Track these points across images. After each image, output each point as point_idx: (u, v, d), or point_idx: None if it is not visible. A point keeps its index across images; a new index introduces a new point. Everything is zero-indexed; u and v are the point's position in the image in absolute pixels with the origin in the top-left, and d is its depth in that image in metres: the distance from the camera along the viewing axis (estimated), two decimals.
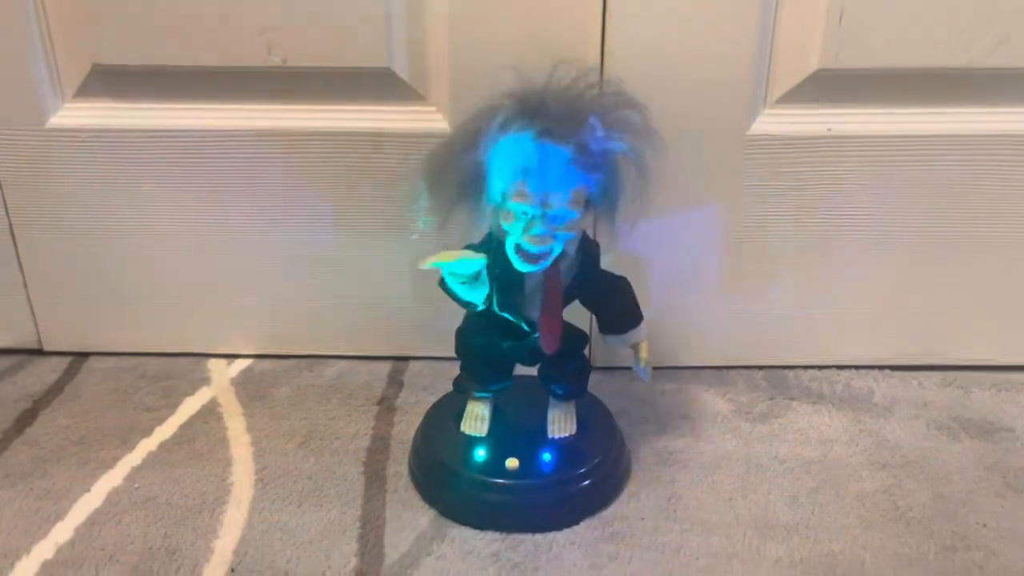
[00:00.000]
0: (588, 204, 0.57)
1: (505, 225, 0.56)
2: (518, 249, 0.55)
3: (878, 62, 0.68)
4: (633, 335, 0.63)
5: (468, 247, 0.60)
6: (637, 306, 0.63)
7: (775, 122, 0.70)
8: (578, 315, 0.66)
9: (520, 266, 0.56)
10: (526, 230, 0.54)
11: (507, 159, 0.54)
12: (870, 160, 0.71)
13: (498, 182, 0.55)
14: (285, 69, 0.70)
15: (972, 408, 0.74)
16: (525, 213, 0.54)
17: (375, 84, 0.71)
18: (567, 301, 0.61)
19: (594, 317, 0.68)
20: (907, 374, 0.78)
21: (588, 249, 0.61)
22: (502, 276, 0.58)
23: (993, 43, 0.67)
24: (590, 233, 0.64)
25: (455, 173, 0.56)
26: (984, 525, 0.60)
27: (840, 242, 0.74)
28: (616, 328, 0.63)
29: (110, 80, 0.72)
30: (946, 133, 0.70)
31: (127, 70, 0.71)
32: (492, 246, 0.58)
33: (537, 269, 0.56)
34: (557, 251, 0.56)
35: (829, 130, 0.70)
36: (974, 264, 0.75)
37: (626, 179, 0.57)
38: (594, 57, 0.68)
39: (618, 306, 0.63)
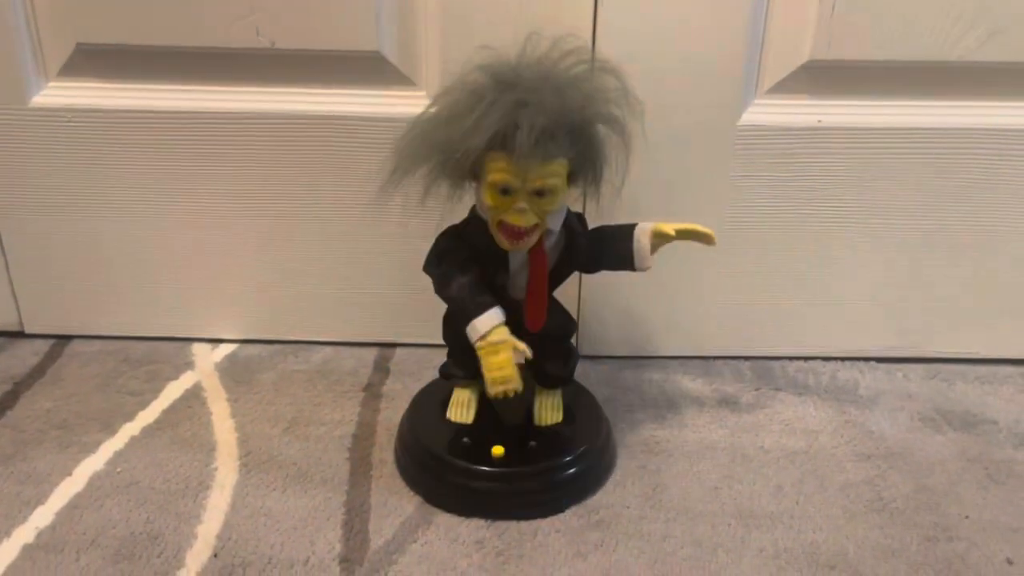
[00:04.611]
0: (572, 176, 0.55)
1: (488, 202, 0.55)
2: (502, 226, 0.55)
3: (869, 54, 0.68)
4: (641, 232, 0.60)
5: (451, 227, 0.60)
6: (617, 224, 0.61)
7: (765, 112, 0.70)
8: (566, 302, 0.66)
9: (504, 244, 0.55)
10: (509, 206, 0.54)
11: (485, 135, 0.52)
12: (860, 152, 0.71)
13: (478, 158, 0.54)
14: (273, 51, 0.69)
15: (956, 400, 0.74)
16: (506, 190, 0.54)
17: (364, 68, 0.70)
18: (556, 280, 0.61)
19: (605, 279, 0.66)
20: (892, 366, 0.79)
21: (572, 224, 0.60)
22: (486, 255, 0.58)
23: (983, 37, 0.67)
24: (579, 206, 0.63)
25: (433, 151, 0.55)
26: (966, 517, 0.61)
27: (828, 234, 0.75)
28: (632, 250, 0.60)
29: (94, 59, 0.71)
30: (936, 126, 0.71)
31: (112, 49, 0.70)
32: (474, 224, 0.58)
33: (522, 246, 0.55)
34: (543, 228, 0.55)
35: (819, 121, 0.70)
36: (960, 258, 0.76)
37: (607, 147, 0.55)
38: (585, 45, 0.67)
39: (609, 237, 0.61)
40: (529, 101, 0.51)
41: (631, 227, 0.60)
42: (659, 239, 0.59)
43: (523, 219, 0.54)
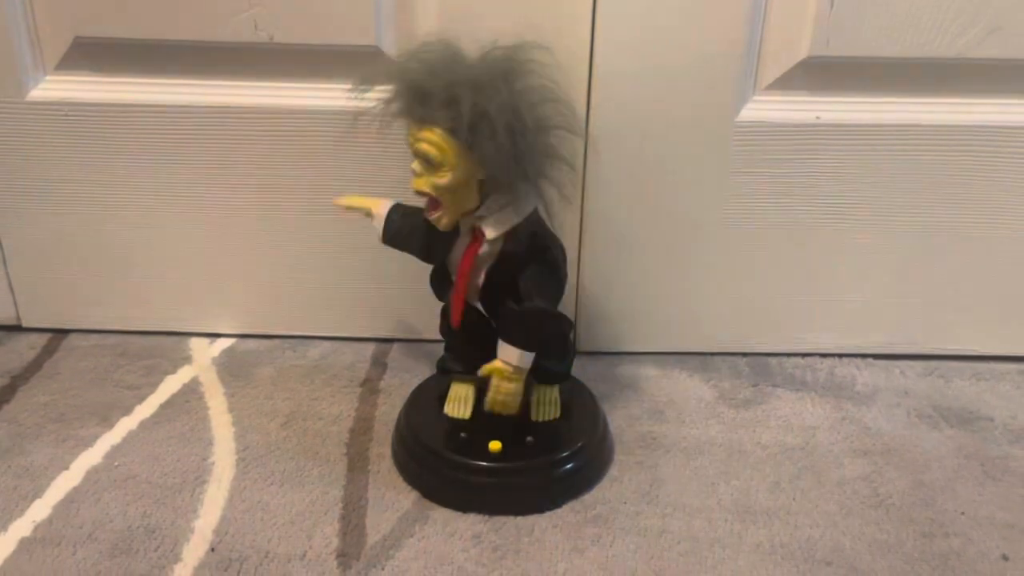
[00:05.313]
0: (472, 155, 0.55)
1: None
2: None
3: (868, 50, 0.68)
4: (503, 350, 0.58)
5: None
6: (530, 335, 0.58)
7: (764, 109, 0.70)
8: (565, 299, 0.66)
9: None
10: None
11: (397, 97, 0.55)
12: (858, 149, 0.71)
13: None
14: (271, 45, 0.69)
15: (952, 397, 0.74)
16: (412, 156, 0.55)
17: (363, 63, 0.70)
18: (503, 289, 0.59)
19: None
20: (889, 363, 0.79)
21: (511, 249, 0.58)
22: (434, 241, 0.59)
23: (983, 33, 0.67)
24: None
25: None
26: (962, 513, 0.61)
27: (825, 231, 0.75)
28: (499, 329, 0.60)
29: (92, 53, 0.71)
30: (934, 123, 0.71)
31: (110, 43, 0.70)
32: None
33: (434, 220, 0.57)
34: (453, 212, 0.56)
35: (818, 118, 0.70)
36: (958, 255, 0.76)
37: (509, 145, 0.53)
38: (584, 40, 0.67)
39: (514, 316, 0.58)
40: (424, 67, 0.54)
41: (510, 338, 0.59)
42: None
43: (415, 182, 0.56)
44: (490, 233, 0.57)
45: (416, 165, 0.55)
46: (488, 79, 0.53)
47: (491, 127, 0.52)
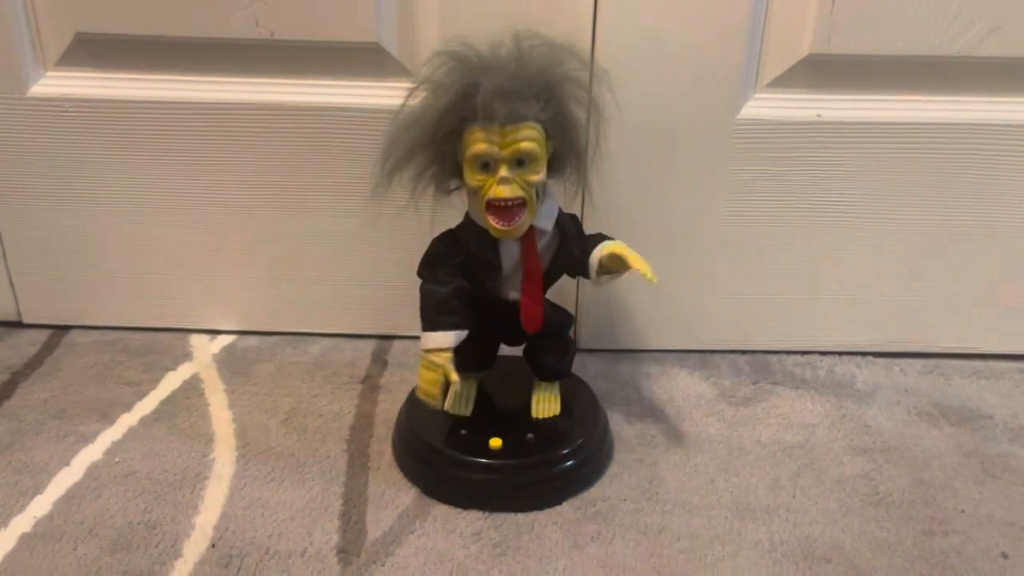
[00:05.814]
0: (554, 157, 0.56)
1: (472, 185, 0.55)
2: (490, 208, 0.54)
3: (870, 48, 0.68)
4: (613, 243, 0.58)
5: (447, 232, 0.60)
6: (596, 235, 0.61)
7: (765, 107, 0.70)
8: (564, 295, 0.66)
9: (496, 230, 0.55)
10: (492, 182, 0.53)
11: (448, 95, 0.53)
12: (859, 147, 0.71)
13: (458, 136, 0.54)
14: (272, 42, 0.69)
15: (953, 395, 0.74)
16: (487, 164, 0.53)
17: (364, 60, 0.70)
18: (550, 280, 0.61)
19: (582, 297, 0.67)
20: (889, 361, 0.79)
21: (565, 227, 0.60)
22: (479, 256, 0.58)
23: (984, 32, 0.67)
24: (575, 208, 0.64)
25: (414, 144, 0.56)
26: (962, 511, 0.61)
27: (826, 228, 0.75)
28: (587, 263, 0.59)
29: (93, 49, 0.71)
30: (935, 121, 0.71)
31: (111, 39, 0.70)
32: (468, 224, 0.58)
33: (514, 229, 0.54)
34: (531, 211, 0.55)
35: (819, 116, 0.70)
36: (958, 252, 0.76)
37: (579, 116, 0.56)
38: (585, 40, 0.67)
39: (602, 236, 0.61)
40: (490, 67, 0.53)
41: (599, 239, 0.60)
42: (611, 261, 0.58)
43: (507, 189, 0.53)
44: (548, 224, 0.58)
45: (505, 170, 0.53)
46: (555, 66, 0.54)
47: (569, 108, 0.55)
